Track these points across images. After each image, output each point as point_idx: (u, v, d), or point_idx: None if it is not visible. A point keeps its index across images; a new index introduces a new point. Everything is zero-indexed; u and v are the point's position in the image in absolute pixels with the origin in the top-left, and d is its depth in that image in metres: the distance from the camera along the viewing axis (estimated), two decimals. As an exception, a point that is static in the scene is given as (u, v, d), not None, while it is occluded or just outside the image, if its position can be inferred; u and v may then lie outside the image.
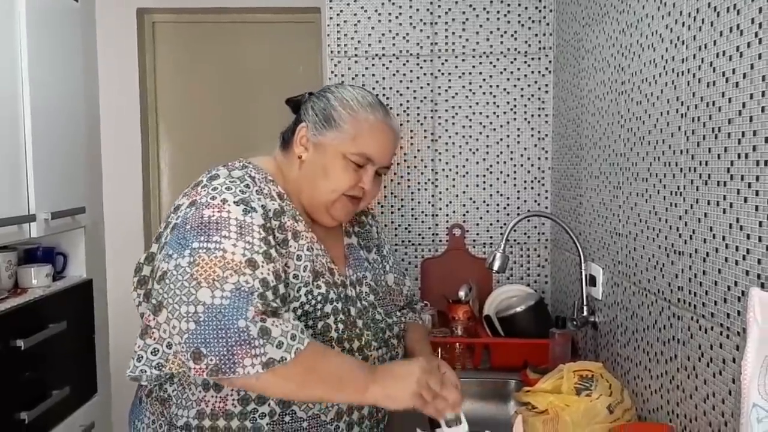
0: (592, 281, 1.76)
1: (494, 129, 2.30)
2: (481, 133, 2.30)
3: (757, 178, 0.98)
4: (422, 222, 2.33)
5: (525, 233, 2.32)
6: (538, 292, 2.19)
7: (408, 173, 2.31)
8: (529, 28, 2.29)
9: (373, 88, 2.28)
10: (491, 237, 2.32)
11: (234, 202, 1.17)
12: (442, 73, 2.30)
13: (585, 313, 1.77)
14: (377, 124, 1.30)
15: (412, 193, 2.32)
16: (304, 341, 1.09)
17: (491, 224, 2.32)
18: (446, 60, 2.29)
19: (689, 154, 1.21)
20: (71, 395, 2.14)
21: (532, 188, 2.31)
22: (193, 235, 1.13)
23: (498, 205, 2.32)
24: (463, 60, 2.29)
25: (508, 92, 2.30)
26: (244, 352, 1.04)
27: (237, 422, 1.18)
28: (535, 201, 2.31)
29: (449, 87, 2.30)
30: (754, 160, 0.99)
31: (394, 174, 2.31)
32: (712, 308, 1.12)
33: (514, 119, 2.30)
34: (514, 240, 2.32)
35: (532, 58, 2.29)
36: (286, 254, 1.20)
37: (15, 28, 2.00)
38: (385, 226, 2.32)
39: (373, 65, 2.30)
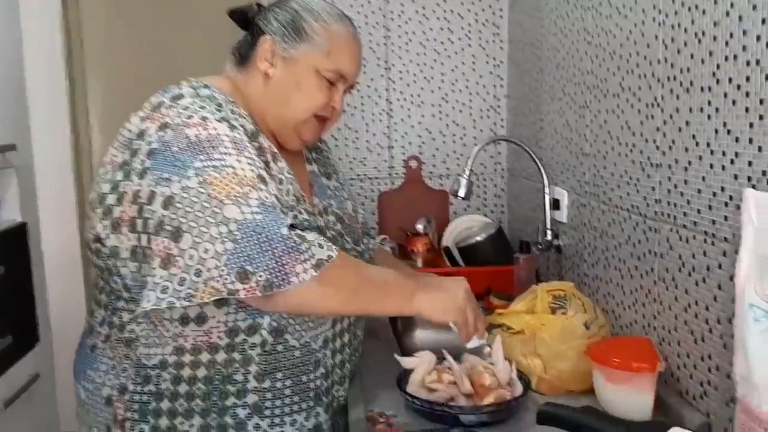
0: (556, 205, 1.75)
1: (449, 56, 2.24)
2: (435, 60, 2.23)
3: (747, 79, 0.96)
4: (378, 154, 2.26)
5: (481, 163, 2.29)
6: (495, 222, 2.18)
7: (362, 104, 2.23)
8: (483, -51, 2.21)
9: (323, 14, 2.16)
10: (448, 168, 2.28)
11: (216, 120, 1.10)
12: (394, -2, 2.20)
13: (549, 237, 1.76)
14: (350, 38, 1.23)
15: (366, 124, 2.24)
16: (333, 246, 1.06)
17: (448, 155, 2.28)
18: (398, -17, 2.20)
19: (668, 63, 1.18)
20: (13, 344, 2.02)
21: (488, 117, 2.27)
22: (188, 155, 1.05)
23: (454, 135, 2.27)
24: (416, -17, 2.20)
25: (462, 17, 2.22)
26: (294, 260, 1.00)
27: (224, 355, 1.11)
28: (491, 130, 2.27)
29: (402, 12, 2.20)
30: (743, 60, 0.96)
31: (347, 104, 2.22)
32: (694, 217, 1.11)
33: (469, 45, 2.23)
34: (471, 171, 2.28)
35: (487, -19, 2.22)
36: (270, 177, 1.12)
37: None
38: (340, 159, 2.24)
39: (321, -11, 2.17)
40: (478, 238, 2.02)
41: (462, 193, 1.71)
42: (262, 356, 1.13)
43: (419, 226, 2.18)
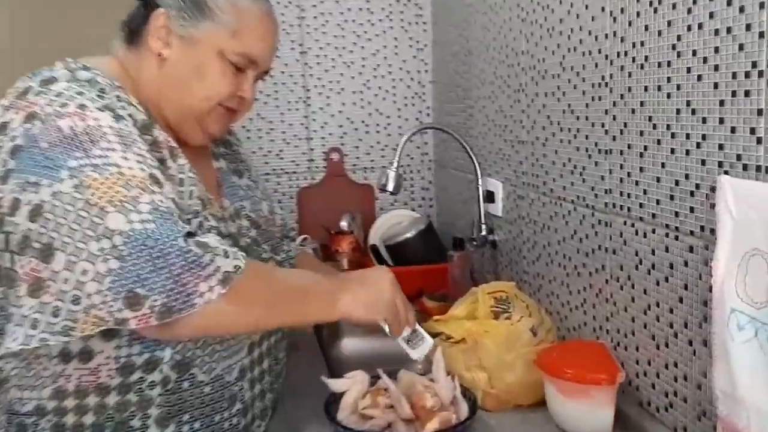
0: (490, 197, 1.62)
1: (369, 39, 2.07)
2: (355, 43, 2.06)
3: (716, 50, 0.84)
4: (295, 147, 2.07)
5: (408, 155, 2.14)
6: (424, 217, 2.04)
7: (276, 91, 2.03)
8: (403, -77, 2.05)
9: (229, -8, 1.95)
10: (372, 160, 2.12)
11: (97, 108, 0.90)
12: (308, -25, 2.02)
13: (483, 233, 1.63)
14: (262, 17, 1.02)
15: (282, 114, 2.05)
16: (239, 253, 0.90)
17: (372, 146, 2.11)
18: (312, -41, 2.01)
19: (617, 37, 1.06)
20: None
21: (413, 105, 2.12)
22: (60, 152, 0.86)
23: (378, 125, 2.11)
24: (331, -41, 2.02)
25: (382, -4, 2.06)
26: (195, 276, 0.83)
27: (116, 397, 0.92)
28: (417, 118, 2.13)
29: (317, -11, 2.02)
30: (711, 29, 0.85)
31: (260, 92, 2.02)
32: (653, 209, 0.99)
33: (391, 28, 2.08)
34: (399, 162, 2.12)
35: (407, -42, 2.07)
36: (167, 177, 0.93)
37: None
38: (253, 153, 2.04)
39: (226, -35, 1.96)
40: (408, 235, 1.87)
41: (391, 187, 1.56)
42: (164, 396, 0.94)
43: (343, 224, 2.02)
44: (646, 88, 0.99)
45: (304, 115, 2.06)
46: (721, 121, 0.84)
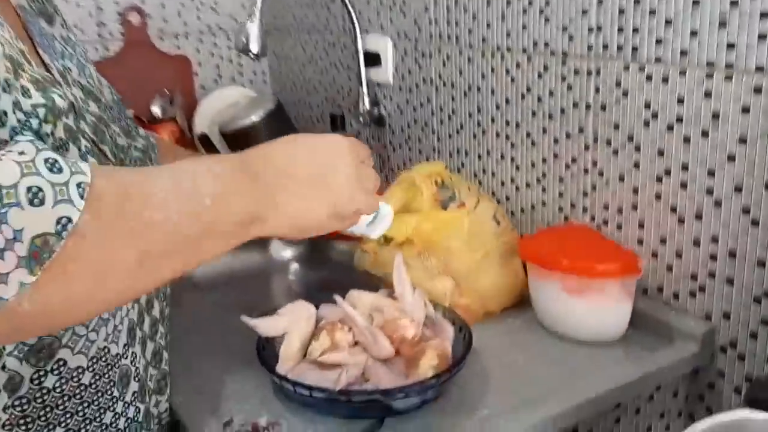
0: (372, 62, 1.29)
1: None
2: None
3: None
4: (78, 5, 1.50)
5: (229, 14, 1.68)
6: (266, 95, 1.64)
7: None
8: None
9: None
10: (185, 23, 1.63)
11: None
12: None
13: (367, 106, 1.31)
14: None
15: (51, -44, 1.45)
16: (82, 166, 0.44)
17: (183, 4, 1.61)
18: None
19: None
20: None
21: (234, -51, 1.65)
22: None
23: (189, -25, 1.61)
24: None
25: None
26: None
27: None
28: (241, -32, 1.67)
29: None
30: None
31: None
32: (683, 44, 0.76)
33: None
34: (217, 26, 1.67)
35: None
36: None
37: None
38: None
39: None
40: (253, 119, 1.46)
41: (255, 47, 1.14)
42: (14, 409, 0.52)
43: (156, 109, 1.55)
44: None
45: (84, -41, 1.49)
46: None
